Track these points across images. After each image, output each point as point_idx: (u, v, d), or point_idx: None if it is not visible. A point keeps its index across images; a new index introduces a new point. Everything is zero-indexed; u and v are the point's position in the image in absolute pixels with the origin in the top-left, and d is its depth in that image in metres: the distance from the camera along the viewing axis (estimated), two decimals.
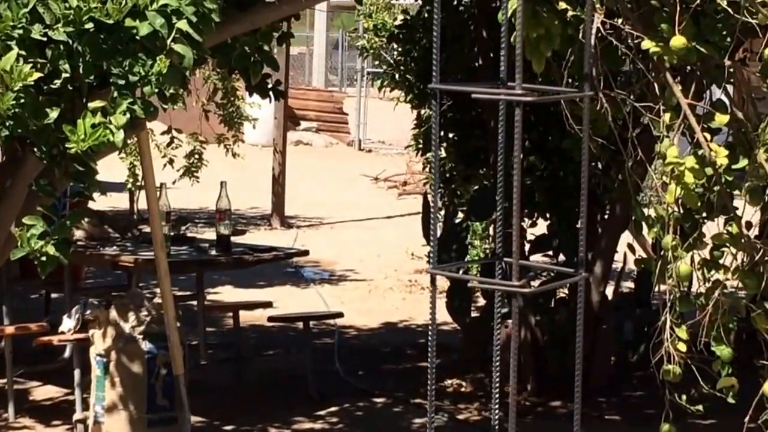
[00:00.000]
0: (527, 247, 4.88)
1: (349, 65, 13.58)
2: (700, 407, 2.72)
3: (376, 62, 8.88)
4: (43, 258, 2.44)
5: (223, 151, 5.32)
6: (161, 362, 3.77)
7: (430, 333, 2.01)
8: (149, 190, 3.67)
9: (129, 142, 4.08)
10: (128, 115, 2.42)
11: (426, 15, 5.02)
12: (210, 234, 5.66)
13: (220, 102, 4.56)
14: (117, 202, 6.35)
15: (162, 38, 2.38)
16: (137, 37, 2.38)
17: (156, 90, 2.42)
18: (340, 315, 5.25)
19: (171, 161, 5.14)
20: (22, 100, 2.30)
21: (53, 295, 5.12)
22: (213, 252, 4.68)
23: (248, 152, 7.66)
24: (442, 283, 4.28)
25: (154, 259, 3.68)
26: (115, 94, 2.42)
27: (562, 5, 2.58)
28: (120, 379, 3.77)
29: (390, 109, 9.47)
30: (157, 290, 3.93)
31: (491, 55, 4.42)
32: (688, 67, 2.77)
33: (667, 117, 2.64)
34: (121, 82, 2.40)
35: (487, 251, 5.94)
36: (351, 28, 11.53)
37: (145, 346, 3.79)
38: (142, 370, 3.78)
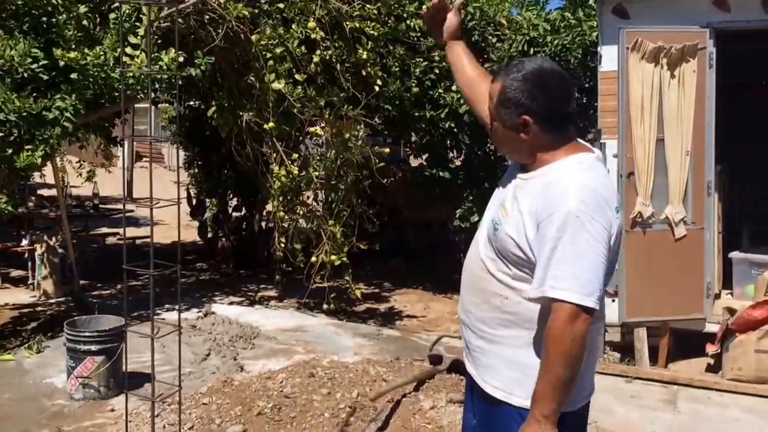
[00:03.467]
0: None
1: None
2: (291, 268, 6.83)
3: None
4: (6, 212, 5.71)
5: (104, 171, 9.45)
6: (66, 257, 7.18)
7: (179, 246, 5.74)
8: (57, 184, 7.22)
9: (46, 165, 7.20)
10: (43, 153, 5.67)
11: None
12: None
13: (102, 149, 7.73)
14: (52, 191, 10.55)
15: (59, 119, 5.66)
16: (48, 119, 5.64)
17: (56, 143, 5.72)
18: (152, 237, 9.98)
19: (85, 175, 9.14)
20: None
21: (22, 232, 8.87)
22: (91, 210, 9.17)
23: (114, 170, 13.06)
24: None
25: (61, 214, 7.25)
26: (37, 143, 5.66)
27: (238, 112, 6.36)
28: (49, 264, 7.26)
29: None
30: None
31: None
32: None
33: (273, 157, 6.59)
34: (41, 138, 5.65)
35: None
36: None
37: (60, 250, 7.28)
38: (58, 260, 7.28)
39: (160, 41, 6.02)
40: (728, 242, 6.12)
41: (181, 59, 5.77)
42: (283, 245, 6.58)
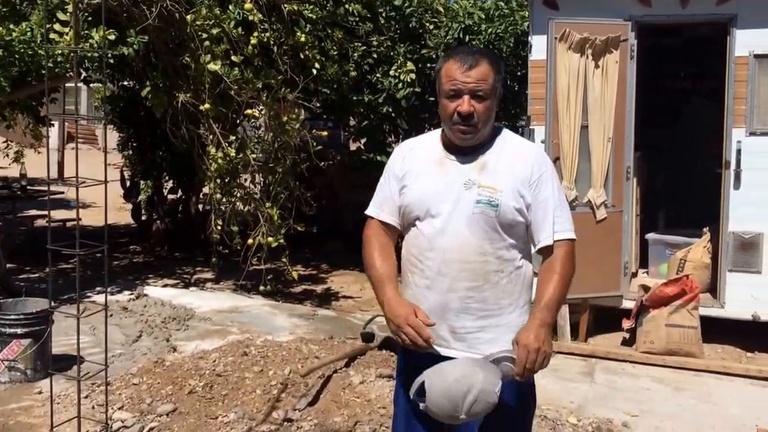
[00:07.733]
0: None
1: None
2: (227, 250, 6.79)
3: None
4: None
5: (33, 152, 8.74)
6: None
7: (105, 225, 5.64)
8: None
9: None
10: None
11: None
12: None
13: (31, 129, 7.40)
14: None
15: None
16: None
17: None
18: (80, 218, 9.37)
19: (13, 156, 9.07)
20: None
21: None
22: (19, 192, 8.69)
23: (44, 151, 12.18)
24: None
25: None
26: None
27: (173, 93, 6.26)
28: None
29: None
30: None
31: None
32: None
33: (210, 139, 6.53)
34: None
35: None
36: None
37: None
38: None
39: (90, 18, 5.87)
40: (645, 225, 6.47)
41: (112, 37, 5.67)
42: (219, 228, 6.55)
